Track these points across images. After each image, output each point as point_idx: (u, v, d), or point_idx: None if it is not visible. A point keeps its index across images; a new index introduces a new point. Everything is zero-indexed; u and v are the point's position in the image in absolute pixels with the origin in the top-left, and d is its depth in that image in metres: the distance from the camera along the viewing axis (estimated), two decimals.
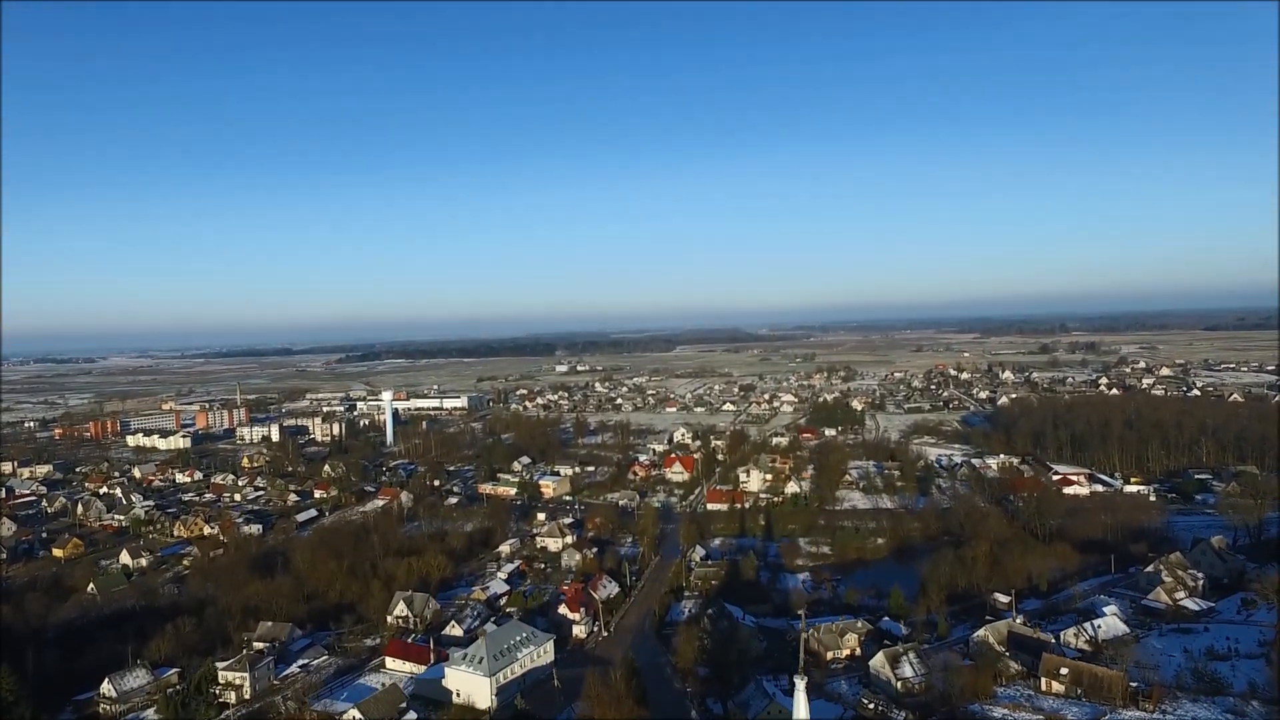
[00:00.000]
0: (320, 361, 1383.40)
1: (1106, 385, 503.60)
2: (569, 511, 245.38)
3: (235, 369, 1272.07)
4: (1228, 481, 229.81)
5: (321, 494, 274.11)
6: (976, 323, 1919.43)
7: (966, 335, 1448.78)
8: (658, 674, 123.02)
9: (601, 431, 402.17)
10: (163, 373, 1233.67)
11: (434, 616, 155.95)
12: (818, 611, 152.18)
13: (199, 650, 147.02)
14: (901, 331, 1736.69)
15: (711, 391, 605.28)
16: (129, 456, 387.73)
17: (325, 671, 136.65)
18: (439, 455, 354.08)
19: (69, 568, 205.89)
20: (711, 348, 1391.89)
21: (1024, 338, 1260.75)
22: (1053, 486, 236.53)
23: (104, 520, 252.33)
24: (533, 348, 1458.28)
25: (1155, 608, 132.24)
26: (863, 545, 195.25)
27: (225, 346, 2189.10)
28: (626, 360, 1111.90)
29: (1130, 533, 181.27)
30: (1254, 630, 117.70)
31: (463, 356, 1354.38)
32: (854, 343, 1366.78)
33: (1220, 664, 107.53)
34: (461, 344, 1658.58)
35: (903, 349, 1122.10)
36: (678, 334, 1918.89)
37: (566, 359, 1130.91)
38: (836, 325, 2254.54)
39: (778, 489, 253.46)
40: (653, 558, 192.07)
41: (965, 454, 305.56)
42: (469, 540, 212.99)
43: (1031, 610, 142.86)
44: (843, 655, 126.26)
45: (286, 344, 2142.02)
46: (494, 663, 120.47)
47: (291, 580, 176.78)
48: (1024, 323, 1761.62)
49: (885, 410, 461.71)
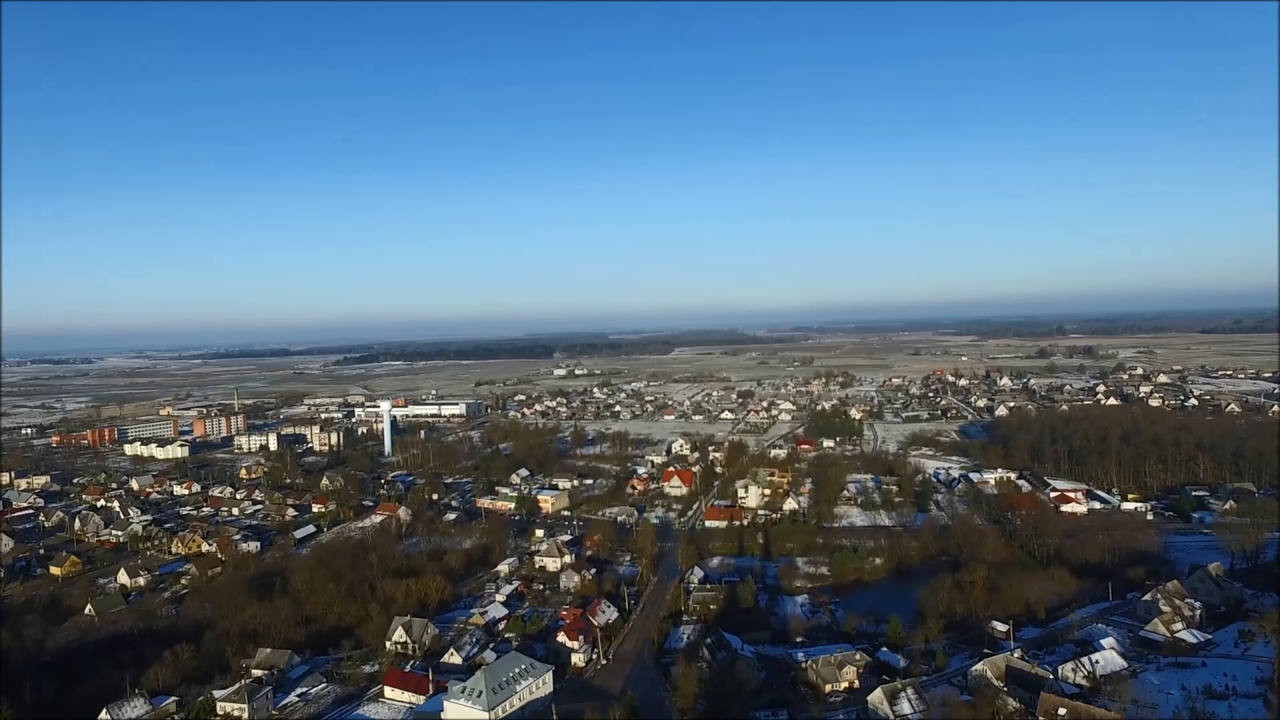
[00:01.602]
0: (318, 363, 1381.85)
1: (1104, 394, 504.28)
2: (567, 527, 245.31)
3: (232, 371, 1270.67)
4: (1225, 500, 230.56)
5: (320, 508, 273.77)
6: (974, 324, 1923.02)
7: (964, 338, 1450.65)
8: (657, 707, 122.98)
9: (600, 441, 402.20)
10: (160, 375, 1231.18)
11: (433, 642, 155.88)
12: (816, 639, 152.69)
13: (197, 677, 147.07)
14: (899, 333, 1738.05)
15: (710, 398, 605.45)
16: (127, 467, 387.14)
17: (324, 701, 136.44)
18: (437, 466, 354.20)
19: (67, 586, 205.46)
20: (709, 350, 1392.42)
21: (1021, 340, 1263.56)
22: (1050, 504, 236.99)
23: (101, 536, 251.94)
24: (530, 350, 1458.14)
25: (1153, 639, 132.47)
26: (861, 566, 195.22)
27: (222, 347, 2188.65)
28: (624, 363, 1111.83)
29: (1128, 556, 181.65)
30: (1251, 666, 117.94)
31: (460, 359, 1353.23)
32: (851, 345, 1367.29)
33: (1218, 703, 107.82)
34: (459, 345, 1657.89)
35: (900, 352, 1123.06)
36: (676, 335, 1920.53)
37: (564, 362, 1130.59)
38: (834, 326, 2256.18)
39: (776, 505, 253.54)
40: (651, 579, 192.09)
41: (963, 467, 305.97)
42: (467, 558, 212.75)
43: (1030, 639, 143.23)
44: (841, 688, 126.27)
45: (284, 344, 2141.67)
46: (493, 696, 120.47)
47: (290, 603, 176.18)
48: (1021, 324, 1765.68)
49: (883, 419, 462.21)
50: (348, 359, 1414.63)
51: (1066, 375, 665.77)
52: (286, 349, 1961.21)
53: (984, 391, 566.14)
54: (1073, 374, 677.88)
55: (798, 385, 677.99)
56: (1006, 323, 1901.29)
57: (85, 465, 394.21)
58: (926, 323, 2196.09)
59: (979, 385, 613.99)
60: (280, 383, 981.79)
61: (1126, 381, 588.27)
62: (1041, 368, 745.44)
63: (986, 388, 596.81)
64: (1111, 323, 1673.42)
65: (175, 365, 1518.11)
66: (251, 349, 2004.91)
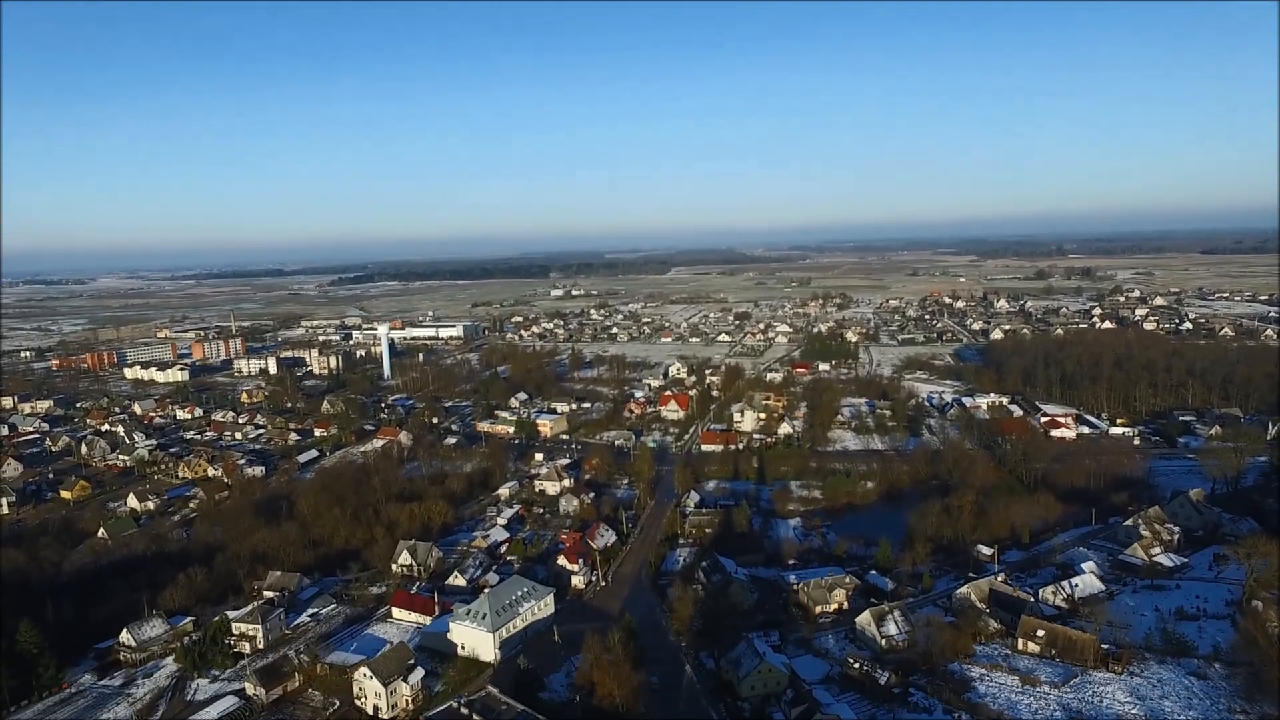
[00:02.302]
0: (313, 284, 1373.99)
1: (1100, 317, 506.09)
2: (566, 451, 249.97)
3: (227, 292, 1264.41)
4: (1211, 425, 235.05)
5: (322, 432, 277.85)
6: (973, 244, 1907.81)
7: (963, 258, 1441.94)
8: (654, 628, 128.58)
9: (597, 364, 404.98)
10: (154, 296, 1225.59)
11: (437, 565, 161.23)
12: (808, 561, 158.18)
13: (211, 599, 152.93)
14: (898, 253, 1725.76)
15: (706, 320, 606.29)
16: (128, 391, 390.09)
17: (334, 621, 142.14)
18: (436, 389, 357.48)
19: (78, 510, 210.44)
20: (707, 270, 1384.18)
21: (1020, 261, 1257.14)
22: (1040, 429, 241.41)
23: (108, 460, 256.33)
24: (526, 270, 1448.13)
25: (1132, 563, 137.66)
26: (853, 490, 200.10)
27: (215, 267, 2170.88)
28: (621, 284, 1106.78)
29: (1113, 481, 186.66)
30: (1223, 589, 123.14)
31: (456, 279, 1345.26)
32: (850, 265, 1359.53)
33: (1188, 624, 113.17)
34: (454, 265, 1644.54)
35: (899, 272, 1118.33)
36: (673, 255, 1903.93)
37: (561, 282, 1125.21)
38: (832, 246, 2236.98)
39: (771, 429, 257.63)
40: (648, 502, 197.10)
41: (956, 391, 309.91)
42: (468, 482, 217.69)
43: (1014, 562, 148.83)
44: (831, 609, 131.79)
45: (278, 264, 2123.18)
46: (497, 618, 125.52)
47: (297, 527, 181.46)
48: (1020, 244, 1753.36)
49: (879, 342, 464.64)
50: (342, 279, 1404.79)
51: (1064, 298, 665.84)
52: (280, 269, 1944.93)
53: (980, 314, 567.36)
54: (1070, 296, 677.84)
55: (795, 307, 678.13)
56: (1006, 242, 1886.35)
57: (87, 389, 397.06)
58: (926, 242, 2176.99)
59: (975, 308, 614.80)
60: (276, 304, 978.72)
61: (1123, 304, 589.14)
62: (1039, 289, 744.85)
63: (983, 310, 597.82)
64: (1112, 243, 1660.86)
65: (169, 286, 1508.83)
66: (245, 269, 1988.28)
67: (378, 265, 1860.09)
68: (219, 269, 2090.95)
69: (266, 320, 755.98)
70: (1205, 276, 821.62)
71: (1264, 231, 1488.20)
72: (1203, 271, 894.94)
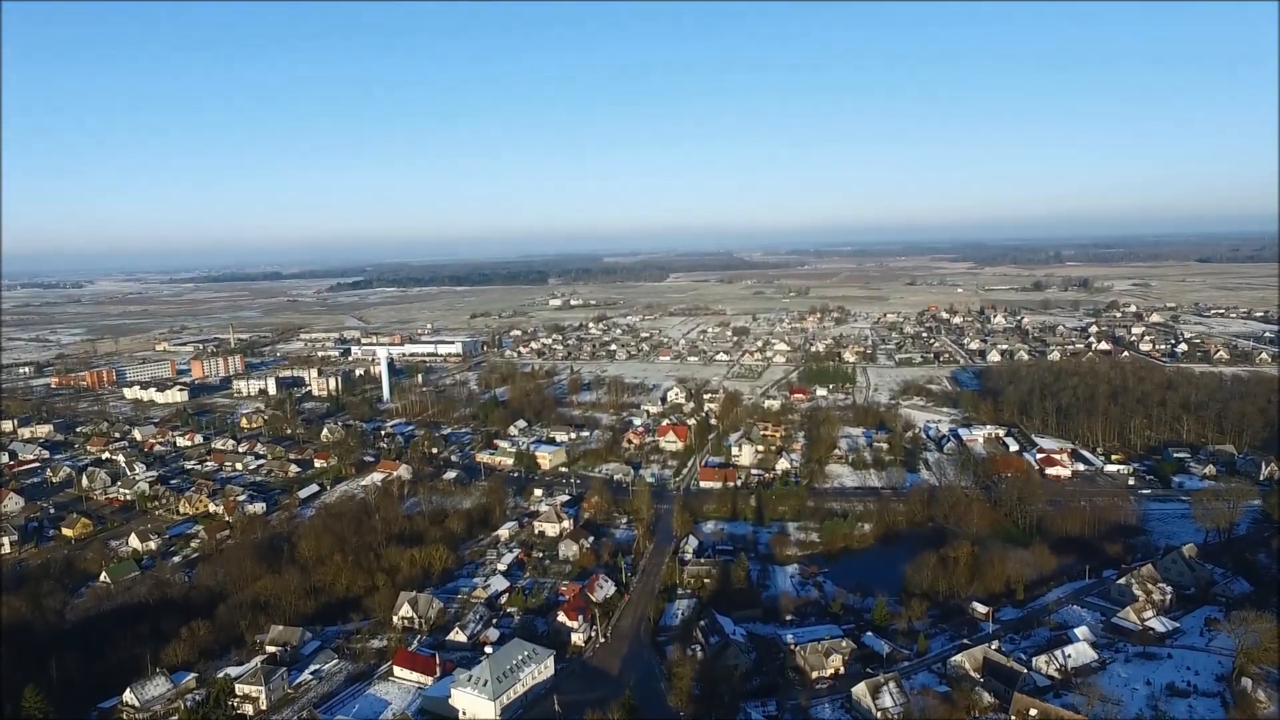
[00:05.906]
0: (311, 288, 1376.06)
1: (1096, 335, 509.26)
2: (565, 486, 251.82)
3: (225, 296, 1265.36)
4: (1205, 463, 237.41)
5: (322, 463, 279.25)
6: (971, 248, 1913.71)
7: (961, 265, 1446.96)
8: (654, 696, 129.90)
9: (596, 387, 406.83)
10: (152, 301, 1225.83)
11: (438, 617, 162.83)
12: (805, 616, 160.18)
13: (213, 652, 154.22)
14: (896, 258, 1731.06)
15: (705, 336, 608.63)
16: (127, 413, 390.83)
17: (336, 679, 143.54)
18: (435, 414, 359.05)
19: (80, 549, 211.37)
20: (705, 277, 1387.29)
21: (1018, 269, 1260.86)
22: (1036, 466, 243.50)
23: (109, 494, 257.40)
24: (525, 275, 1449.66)
25: (1125, 627, 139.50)
26: (850, 533, 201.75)
27: (213, 269, 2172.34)
28: (619, 291, 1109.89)
29: (1107, 529, 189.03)
30: (1214, 660, 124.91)
31: (455, 284, 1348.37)
32: (848, 272, 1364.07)
33: (1179, 701, 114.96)
34: (453, 269, 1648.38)
35: (896, 280, 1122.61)
36: (671, 259, 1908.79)
37: (559, 290, 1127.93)
38: (831, 249, 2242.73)
39: (769, 463, 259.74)
40: (647, 545, 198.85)
41: (954, 421, 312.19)
42: (468, 520, 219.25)
43: (1008, 621, 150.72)
44: (827, 675, 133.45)
45: (276, 266, 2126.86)
46: (498, 685, 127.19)
47: (298, 572, 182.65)
48: (1019, 250, 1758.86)
49: (877, 362, 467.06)
50: (341, 285, 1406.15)
51: (1060, 313, 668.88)
52: (278, 271, 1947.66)
53: (977, 331, 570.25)
54: (1066, 311, 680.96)
55: (793, 321, 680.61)
56: (1004, 248, 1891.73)
57: (86, 411, 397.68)
58: (924, 246, 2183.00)
59: (973, 323, 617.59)
60: (274, 312, 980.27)
61: (1119, 321, 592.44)
62: (1036, 302, 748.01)
63: (980, 326, 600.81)
64: (1110, 249, 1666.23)
65: (167, 290, 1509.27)
66: (243, 271, 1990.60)
67: (376, 269, 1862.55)
68: (217, 270, 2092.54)
69: (265, 331, 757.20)
70: (1202, 289, 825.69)
71: (1263, 236, 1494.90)
72: (1200, 282, 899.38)
